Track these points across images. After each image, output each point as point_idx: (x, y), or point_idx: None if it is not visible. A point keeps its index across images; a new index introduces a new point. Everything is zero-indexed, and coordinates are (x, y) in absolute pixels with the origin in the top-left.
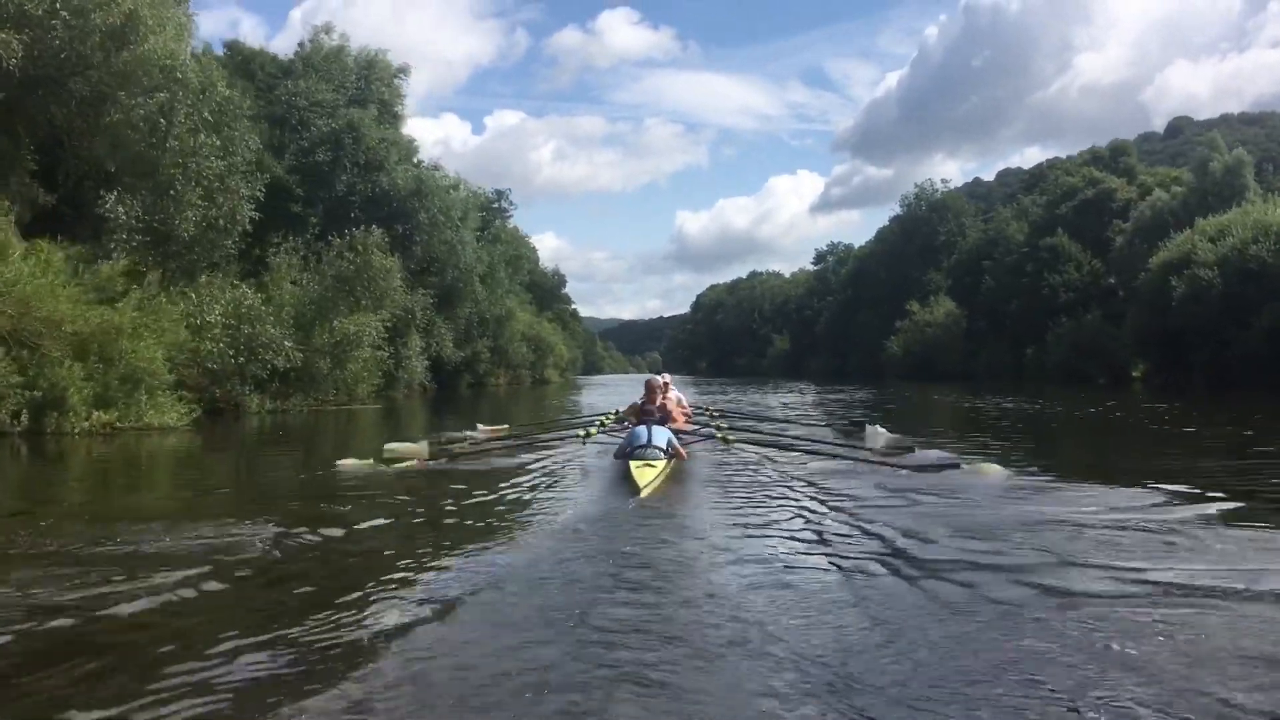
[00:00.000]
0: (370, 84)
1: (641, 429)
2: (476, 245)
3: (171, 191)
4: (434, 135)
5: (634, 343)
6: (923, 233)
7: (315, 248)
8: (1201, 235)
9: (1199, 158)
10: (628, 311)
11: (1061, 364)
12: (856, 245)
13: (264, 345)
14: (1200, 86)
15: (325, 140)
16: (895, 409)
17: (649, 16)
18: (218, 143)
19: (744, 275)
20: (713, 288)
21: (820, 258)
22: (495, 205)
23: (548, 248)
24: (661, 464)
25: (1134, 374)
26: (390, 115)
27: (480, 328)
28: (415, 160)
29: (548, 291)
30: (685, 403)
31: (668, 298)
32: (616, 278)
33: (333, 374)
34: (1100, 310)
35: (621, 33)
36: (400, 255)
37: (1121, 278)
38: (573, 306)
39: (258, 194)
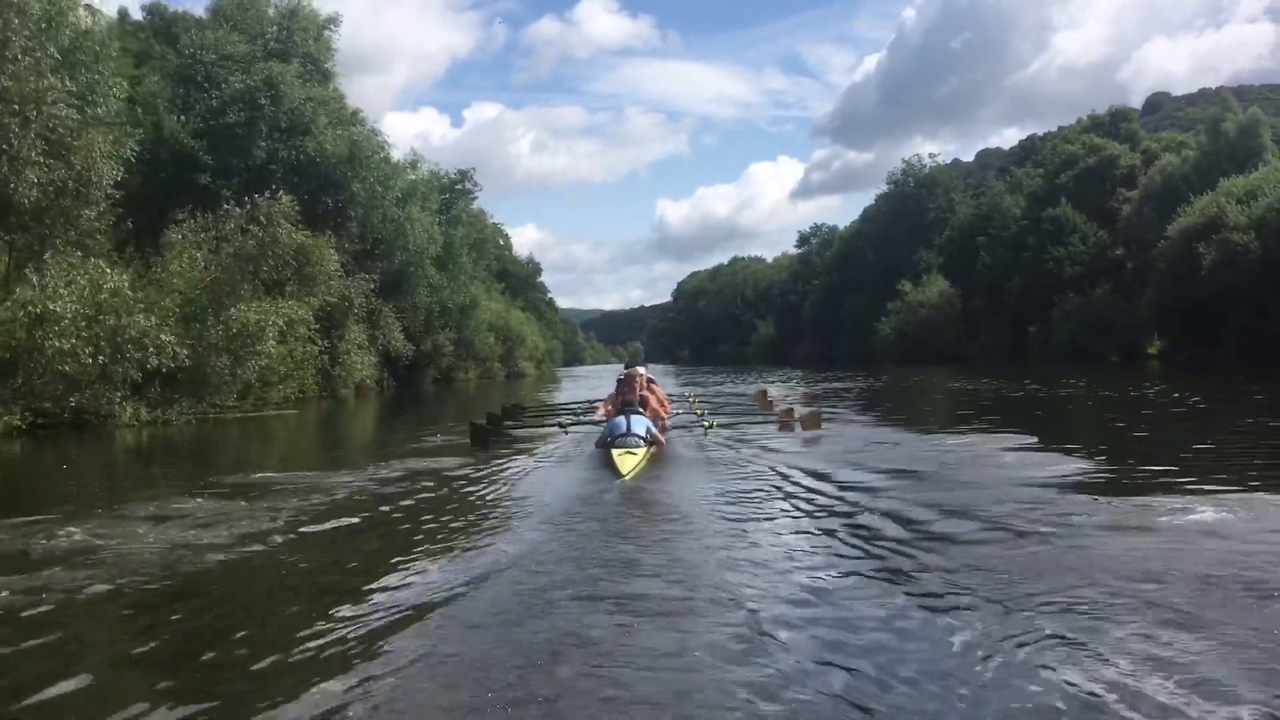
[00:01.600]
0: (293, 35)
1: (621, 419)
2: (430, 225)
3: (5, 146)
4: (413, 129)
5: (615, 333)
6: (911, 210)
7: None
8: (1228, 197)
9: (1211, 117)
10: (609, 302)
11: (1069, 342)
12: (840, 227)
13: (132, 340)
14: (1177, 63)
15: (238, 99)
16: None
17: (627, 4)
18: (71, 88)
19: (725, 262)
20: (694, 275)
21: (804, 240)
22: (459, 186)
23: (529, 240)
24: (642, 451)
25: (1149, 350)
26: (319, 73)
27: (442, 318)
28: (367, 128)
29: (522, 280)
30: (661, 392)
31: (650, 287)
32: (598, 268)
33: (235, 374)
34: (1109, 284)
35: (600, 21)
36: (333, 233)
37: (1131, 249)
38: (549, 296)
39: (128, 153)
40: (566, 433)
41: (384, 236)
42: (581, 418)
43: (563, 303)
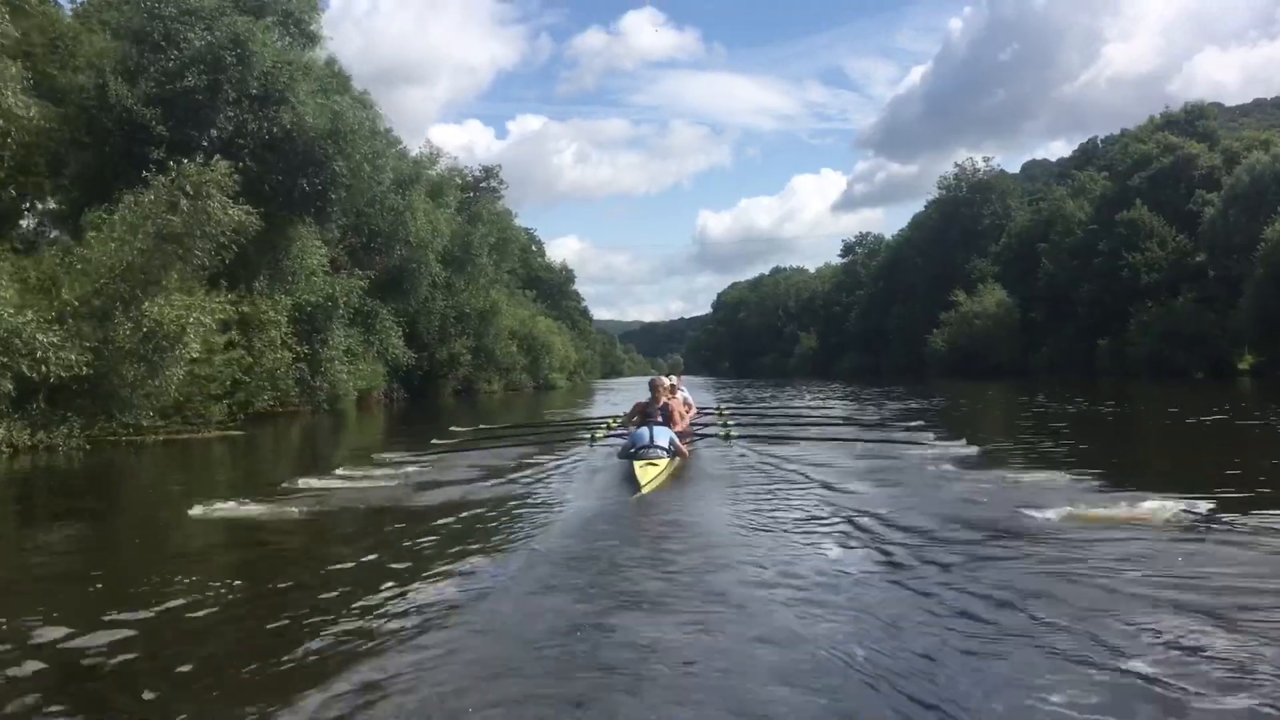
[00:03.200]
0: None
1: (644, 430)
2: (436, 216)
3: None
4: (458, 141)
5: (655, 345)
6: (964, 216)
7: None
8: None
9: None
10: (650, 314)
11: (1149, 356)
12: (887, 237)
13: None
14: (1228, 75)
15: (199, 59)
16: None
17: (674, 17)
18: None
19: (767, 272)
20: (734, 285)
21: (848, 249)
22: (484, 184)
23: (571, 250)
24: (664, 463)
25: (1240, 366)
26: (303, 34)
27: (459, 324)
28: (354, 97)
29: (555, 288)
30: (691, 401)
31: (690, 299)
32: (639, 279)
33: (153, 384)
34: (1193, 292)
35: (645, 34)
36: (314, 221)
37: (1215, 255)
38: (583, 304)
39: (23, 113)
40: (592, 447)
41: (381, 229)
42: (613, 430)
43: (603, 314)
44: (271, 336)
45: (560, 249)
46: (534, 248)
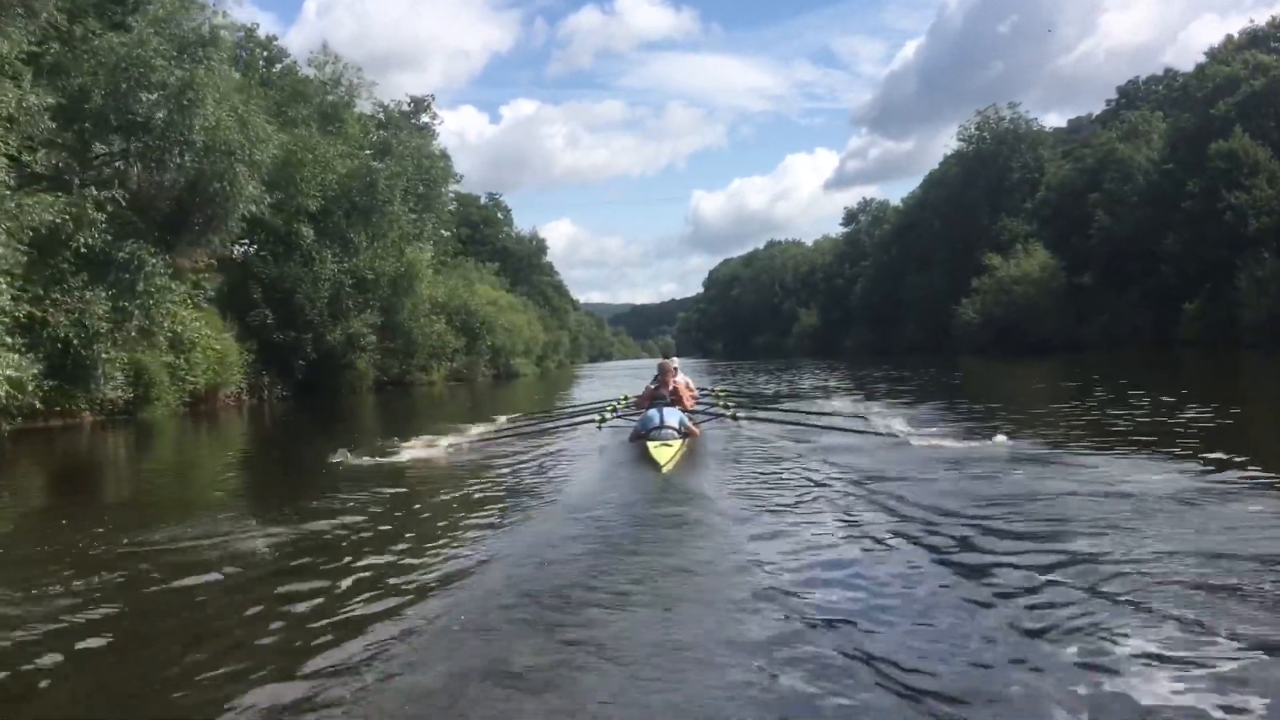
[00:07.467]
0: None
1: (654, 412)
2: (246, 108)
3: None
4: (452, 127)
5: (646, 326)
6: (989, 171)
7: None
8: None
9: None
10: (642, 296)
11: (1267, 320)
12: (894, 202)
13: None
14: None
15: None
16: None
17: None
18: None
19: (761, 247)
20: (727, 262)
21: (851, 217)
22: (414, 122)
23: (564, 234)
24: (677, 443)
25: None
26: None
27: (360, 294)
28: None
29: (524, 261)
30: (693, 385)
31: (683, 280)
32: (631, 262)
33: None
34: None
35: (641, 13)
36: None
37: None
38: (558, 278)
39: None
40: (600, 428)
41: (147, 120)
42: (619, 411)
43: (595, 297)
44: None
45: (553, 233)
46: (500, 215)
